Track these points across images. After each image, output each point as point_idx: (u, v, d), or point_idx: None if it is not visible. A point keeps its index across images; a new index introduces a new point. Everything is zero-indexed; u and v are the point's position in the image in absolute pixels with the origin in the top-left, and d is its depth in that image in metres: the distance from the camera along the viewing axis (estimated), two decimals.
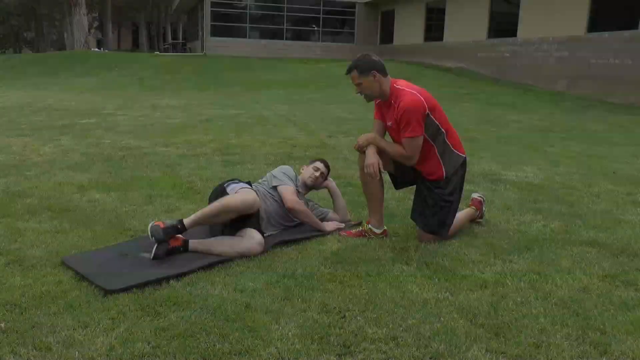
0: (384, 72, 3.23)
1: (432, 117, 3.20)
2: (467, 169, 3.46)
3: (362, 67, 3.20)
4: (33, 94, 13.75)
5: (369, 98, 3.30)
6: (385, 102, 3.32)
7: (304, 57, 26.73)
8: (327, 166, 3.83)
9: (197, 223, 3.07)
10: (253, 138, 7.30)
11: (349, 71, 3.25)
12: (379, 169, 3.20)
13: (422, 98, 3.17)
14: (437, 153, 3.27)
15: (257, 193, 3.47)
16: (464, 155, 3.39)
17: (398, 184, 3.48)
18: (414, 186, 3.52)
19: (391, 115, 3.26)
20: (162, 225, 2.97)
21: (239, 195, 3.12)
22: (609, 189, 4.90)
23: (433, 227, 3.32)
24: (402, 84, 3.26)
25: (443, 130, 3.26)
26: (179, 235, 3.09)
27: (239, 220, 3.20)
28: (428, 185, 3.33)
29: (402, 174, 3.41)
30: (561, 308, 2.52)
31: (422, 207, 3.35)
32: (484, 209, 3.79)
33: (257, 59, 24.77)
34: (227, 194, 3.25)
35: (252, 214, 3.20)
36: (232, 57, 24.89)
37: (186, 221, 3.04)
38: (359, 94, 3.29)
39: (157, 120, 9.06)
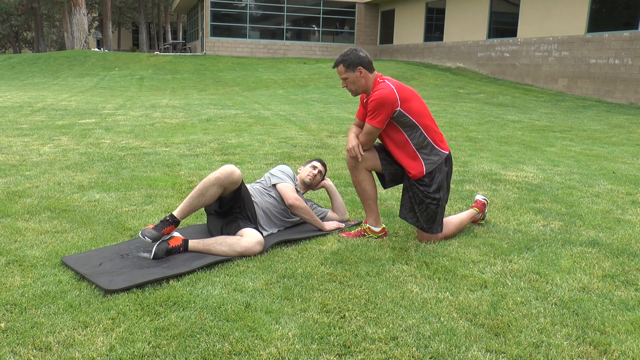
0: (369, 69, 3.27)
1: (404, 112, 3.20)
2: (452, 166, 3.45)
3: (349, 62, 3.25)
4: (33, 94, 13.75)
5: (354, 93, 3.36)
6: (368, 97, 3.35)
7: (304, 57, 26.75)
8: (324, 165, 3.84)
9: (186, 210, 3.07)
10: (253, 138, 7.31)
11: (335, 65, 3.32)
12: (359, 151, 3.31)
13: (395, 94, 3.19)
14: (413, 147, 3.28)
15: (253, 190, 3.48)
16: (447, 152, 3.38)
17: (386, 182, 3.49)
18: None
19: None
20: (151, 226, 2.99)
21: (219, 169, 3.13)
22: (609, 189, 4.90)
23: (423, 223, 3.34)
24: (385, 78, 3.29)
25: (420, 125, 3.26)
26: (179, 235, 3.09)
27: (233, 209, 3.21)
28: (413, 182, 3.34)
29: (389, 173, 3.42)
30: (561, 308, 2.52)
31: (410, 204, 3.37)
32: (486, 211, 3.79)
33: (257, 59, 24.79)
34: None
35: (240, 193, 3.21)
36: (232, 57, 24.91)
37: (176, 212, 3.05)
38: (345, 87, 3.35)
39: (157, 120, 9.07)
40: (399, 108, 3.18)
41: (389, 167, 3.40)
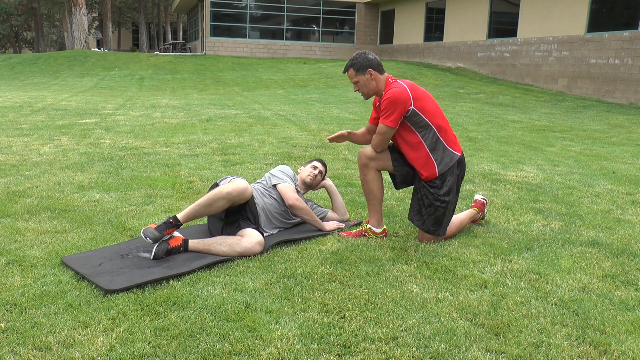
0: (379, 70, 3.27)
1: (417, 111, 3.20)
2: (465, 169, 3.45)
3: (358, 66, 3.26)
4: (33, 94, 13.75)
5: (366, 95, 3.37)
6: (381, 99, 3.35)
7: (304, 57, 26.76)
8: (324, 165, 3.84)
9: (191, 215, 3.07)
10: (253, 138, 7.31)
11: (345, 70, 3.33)
12: (336, 135, 3.50)
13: (408, 93, 3.19)
14: (426, 148, 3.27)
15: (254, 191, 3.48)
16: (459, 154, 3.37)
17: (397, 184, 3.49)
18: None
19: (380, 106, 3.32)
20: (154, 226, 2.98)
21: (232, 183, 3.13)
22: (609, 189, 4.90)
23: (429, 226, 3.33)
24: (397, 79, 3.30)
25: (433, 125, 3.26)
26: (179, 235, 3.09)
27: (236, 213, 3.21)
28: (424, 184, 3.34)
29: (400, 175, 3.42)
30: (561, 308, 2.52)
31: (418, 206, 3.36)
32: (486, 210, 3.79)
33: (257, 59, 24.79)
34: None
35: (245, 203, 3.21)
36: (232, 57, 24.92)
37: (180, 215, 3.05)
38: (357, 91, 3.36)
39: (157, 120, 9.07)
40: (412, 107, 3.18)
41: (401, 168, 3.39)
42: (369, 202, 3.44)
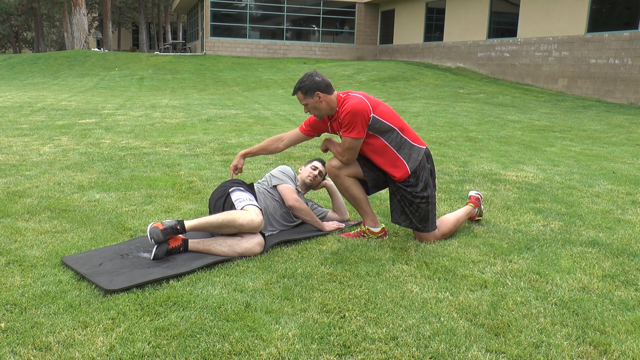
0: (328, 91, 3.23)
1: (378, 117, 3.21)
2: (433, 163, 3.45)
3: (306, 89, 3.22)
4: (33, 94, 13.75)
5: (318, 116, 3.33)
6: (334, 116, 3.33)
7: (304, 57, 26.76)
8: (324, 165, 3.84)
9: (198, 228, 3.06)
10: (253, 138, 7.31)
11: (294, 92, 3.29)
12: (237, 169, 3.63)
13: (366, 102, 3.19)
14: (393, 149, 3.27)
15: (257, 192, 3.47)
16: (424, 147, 3.38)
17: (369, 189, 3.47)
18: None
19: (338, 123, 3.29)
20: (160, 227, 2.96)
21: (249, 214, 3.08)
22: (609, 189, 4.90)
23: (417, 224, 3.34)
24: (347, 92, 3.29)
25: (395, 127, 3.27)
26: (179, 235, 3.08)
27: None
28: (400, 186, 3.33)
29: (371, 179, 3.40)
30: (561, 308, 2.52)
31: (401, 207, 3.35)
32: (482, 206, 3.79)
33: (257, 59, 24.79)
34: (231, 200, 3.24)
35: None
36: (232, 57, 24.92)
37: (187, 224, 3.03)
38: (308, 112, 3.32)
39: (157, 120, 9.07)
40: (372, 114, 3.18)
41: (371, 173, 3.39)
42: (357, 207, 3.43)
